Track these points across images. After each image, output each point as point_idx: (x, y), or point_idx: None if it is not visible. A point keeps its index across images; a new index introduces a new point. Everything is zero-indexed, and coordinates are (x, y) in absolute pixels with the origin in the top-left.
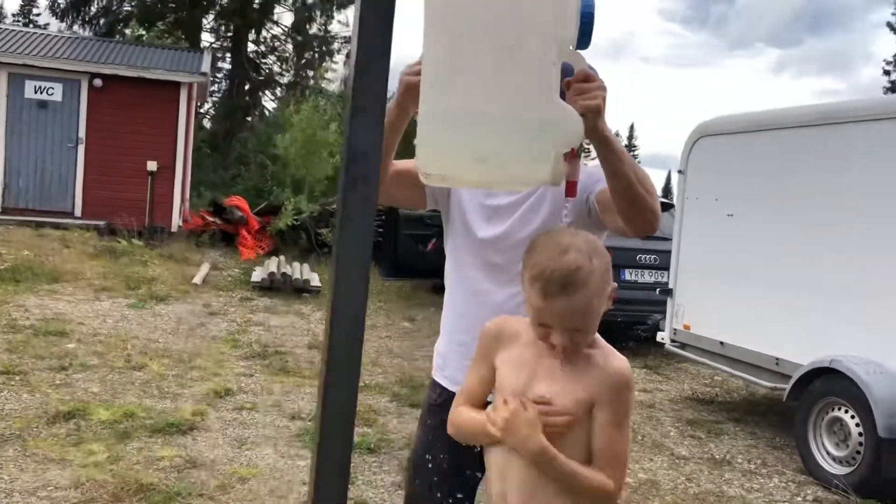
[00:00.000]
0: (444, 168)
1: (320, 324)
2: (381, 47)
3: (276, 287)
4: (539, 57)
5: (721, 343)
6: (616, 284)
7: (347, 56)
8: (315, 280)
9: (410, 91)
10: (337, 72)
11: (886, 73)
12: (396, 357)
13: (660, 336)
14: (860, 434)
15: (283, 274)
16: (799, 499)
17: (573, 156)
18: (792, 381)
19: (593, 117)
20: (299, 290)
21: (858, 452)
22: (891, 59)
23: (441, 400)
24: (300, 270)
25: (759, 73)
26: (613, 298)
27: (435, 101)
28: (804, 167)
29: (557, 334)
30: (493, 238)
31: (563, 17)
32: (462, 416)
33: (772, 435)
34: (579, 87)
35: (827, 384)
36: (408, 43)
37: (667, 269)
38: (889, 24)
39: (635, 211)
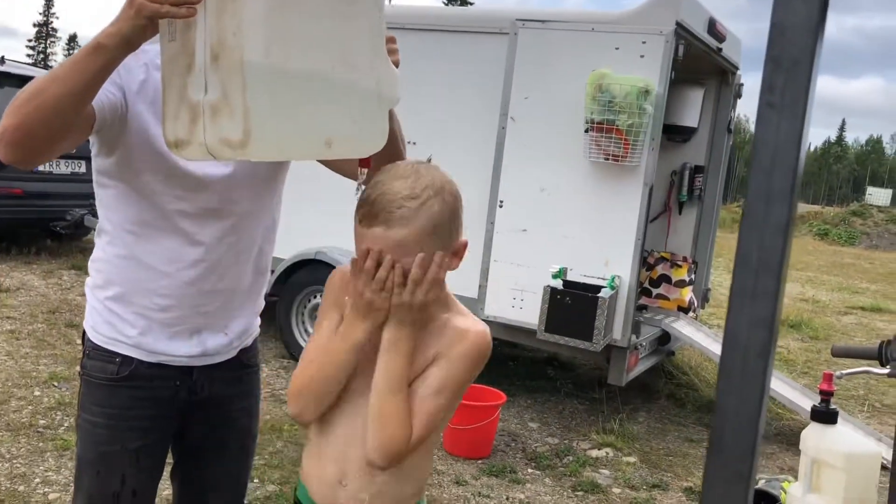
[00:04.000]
0: (273, 153)
1: None
2: None
3: None
4: (372, 6)
5: None
6: (466, 240)
7: None
8: None
9: (155, 24)
10: None
11: None
12: None
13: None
14: None
15: None
16: None
17: None
18: (274, 276)
19: None
20: None
21: None
22: None
23: (127, 372)
24: None
25: None
26: (459, 255)
27: (265, 71)
28: None
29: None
30: (220, 178)
31: None
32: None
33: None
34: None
35: (311, 274)
36: None
37: (82, 157)
38: None
39: (395, 152)
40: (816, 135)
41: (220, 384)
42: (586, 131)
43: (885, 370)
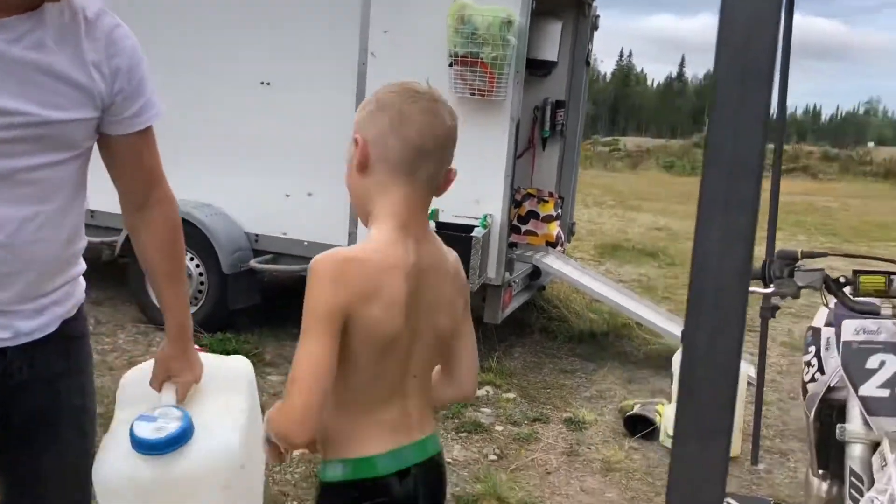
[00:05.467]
0: None
1: None
2: None
3: None
4: None
5: None
6: (455, 169)
7: None
8: None
9: None
10: None
11: None
12: None
13: None
14: (200, 275)
15: None
16: (152, 348)
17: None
18: (123, 236)
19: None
20: None
21: (200, 292)
22: None
23: None
24: None
25: None
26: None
27: None
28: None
29: None
30: None
31: None
32: None
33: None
34: None
35: None
36: None
37: None
38: None
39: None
40: (659, 70)
41: (42, 363)
42: (450, 65)
43: (770, 289)
